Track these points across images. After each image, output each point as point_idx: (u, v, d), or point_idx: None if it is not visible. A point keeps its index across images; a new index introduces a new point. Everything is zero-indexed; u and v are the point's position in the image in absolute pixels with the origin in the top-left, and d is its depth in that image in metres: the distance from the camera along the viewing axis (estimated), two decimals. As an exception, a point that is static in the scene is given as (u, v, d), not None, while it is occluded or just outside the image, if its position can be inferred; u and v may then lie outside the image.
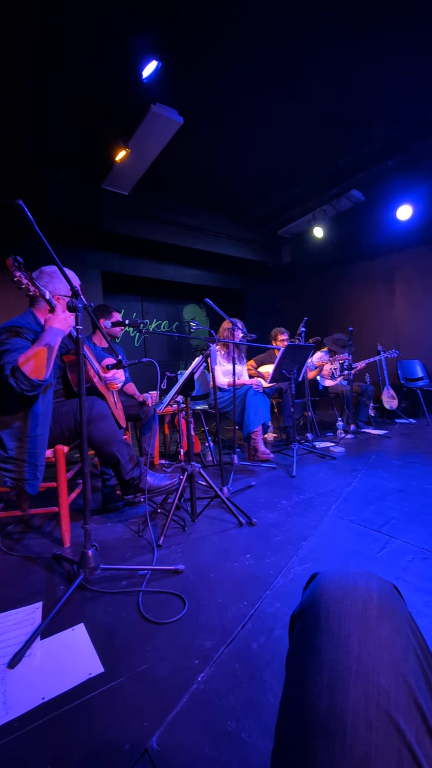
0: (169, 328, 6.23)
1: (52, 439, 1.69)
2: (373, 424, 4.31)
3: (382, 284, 5.58)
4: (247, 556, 1.52)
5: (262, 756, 0.73)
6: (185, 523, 1.87)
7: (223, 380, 3.03)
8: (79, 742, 0.78)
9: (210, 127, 3.33)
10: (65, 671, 0.96)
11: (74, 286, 1.30)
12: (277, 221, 5.29)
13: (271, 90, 2.93)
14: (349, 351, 3.85)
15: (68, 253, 4.61)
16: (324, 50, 2.58)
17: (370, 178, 4.10)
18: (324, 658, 0.36)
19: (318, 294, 6.51)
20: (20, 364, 1.43)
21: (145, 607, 1.20)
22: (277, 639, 1.04)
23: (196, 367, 1.93)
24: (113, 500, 2.09)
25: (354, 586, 0.40)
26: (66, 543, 1.69)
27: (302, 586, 0.47)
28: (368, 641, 0.36)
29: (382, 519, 1.81)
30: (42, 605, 1.25)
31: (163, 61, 2.48)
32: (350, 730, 0.31)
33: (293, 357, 2.83)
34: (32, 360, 1.45)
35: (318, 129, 3.44)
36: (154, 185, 4.22)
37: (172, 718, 0.82)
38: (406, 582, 1.29)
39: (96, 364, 2.00)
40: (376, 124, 3.36)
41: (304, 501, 2.10)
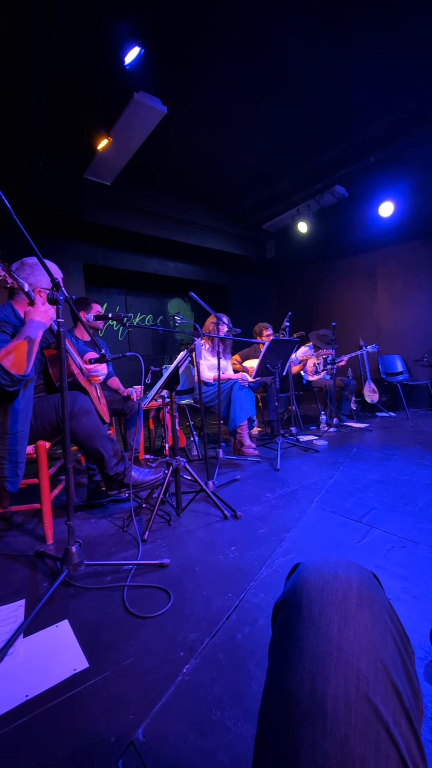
0: (154, 322, 6.17)
1: (33, 435, 1.66)
2: (355, 418, 4.41)
3: (364, 280, 5.67)
4: (232, 548, 1.54)
5: (246, 742, 0.74)
6: (170, 517, 1.87)
7: (209, 375, 3.02)
8: (64, 737, 0.78)
9: (194, 118, 3.28)
10: (49, 668, 0.96)
11: (55, 278, 1.26)
12: (261, 215, 5.29)
13: (255, 83, 2.91)
14: (332, 346, 3.91)
15: (49, 244, 4.49)
16: (308, 44, 2.58)
17: (353, 173, 4.14)
18: (306, 646, 0.37)
19: (302, 289, 6.56)
20: (0, 358, 1.39)
21: (130, 602, 1.21)
22: (261, 629, 1.06)
23: (181, 362, 1.92)
24: (98, 496, 2.07)
25: (335, 575, 0.41)
26: (49, 540, 1.66)
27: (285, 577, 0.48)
28: (348, 628, 0.37)
29: (362, 510, 1.85)
30: (24, 603, 1.23)
31: (146, 47, 2.42)
32: (331, 714, 0.32)
33: (278, 351, 2.85)
34: (12, 354, 1.41)
35: (302, 123, 3.44)
36: (137, 176, 4.15)
37: (157, 709, 0.83)
38: (384, 570, 1.33)
39: (78, 358, 1.97)
40: (359, 119, 3.38)
41: (288, 493, 2.13)
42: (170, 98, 2.95)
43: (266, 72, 2.81)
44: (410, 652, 0.41)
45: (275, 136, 3.61)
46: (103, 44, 2.42)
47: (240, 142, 3.71)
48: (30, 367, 1.46)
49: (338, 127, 3.48)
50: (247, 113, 3.27)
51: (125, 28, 2.33)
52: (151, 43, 2.43)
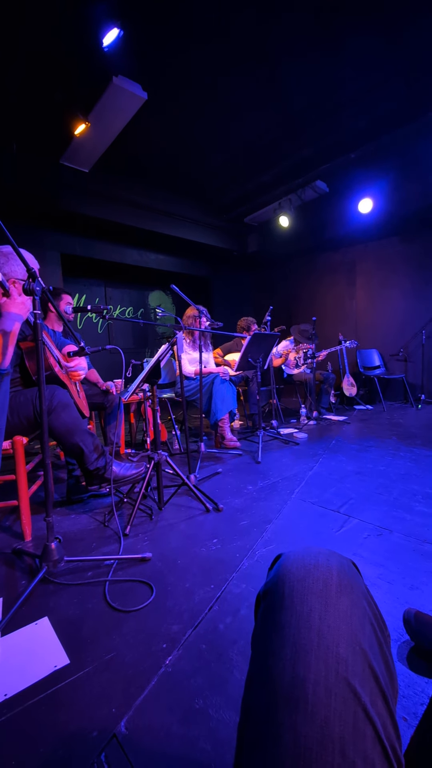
0: (134, 314, 6.08)
1: (9, 430, 1.61)
2: (334, 411, 4.51)
3: (344, 275, 5.76)
4: (214, 540, 1.55)
5: (228, 728, 0.76)
6: (152, 511, 1.87)
7: (190, 369, 3.01)
8: (45, 734, 0.77)
9: (176, 105, 3.22)
10: (29, 666, 0.94)
11: (31, 268, 1.22)
12: (243, 208, 5.26)
13: (239, 72, 2.87)
14: (312, 341, 3.97)
15: (24, 232, 4.32)
16: (292, 37, 2.56)
17: (334, 169, 4.18)
18: (287, 634, 0.38)
19: (283, 283, 6.61)
20: None
21: (111, 597, 1.20)
22: (243, 618, 1.08)
23: (162, 355, 1.90)
24: (78, 491, 2.04)
25: (315, 565, 0.42)
26: (27, 537, 1.63)
27: (267, 567, 0.49)
28: (328, 615, 0.38)
29: (340, 500, 1.91)
30: (2, 602, 1.20)
31: (126, 29, 2.34)
32: (311, 699, 0.33)
33: (259, 345, 2.87)
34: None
35: (285, 116, 3.44)
36: (117, 164, 4.04)
37: (140, 702, 0.83)
38: (362, 557, 1.38)
39: (56, 351, 1.92)
40: (342, 115, 3.41)
41: (268, 486, 2.16)
42: (151, 84, 2.87)
43: (250, 64, 2.78)
44: (386, 635, 0.42)
45: (258, 128, 3.59)
46: (79, 23, 2.32)
47: (223, 133, 3.66)
48: (7, 360, 1.41)
49: (321, 121, 3.50)
50: (231, 104, 3.23)
51: (103, 9, 2.24)
52: (130, 26, 2.35)
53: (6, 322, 1.40)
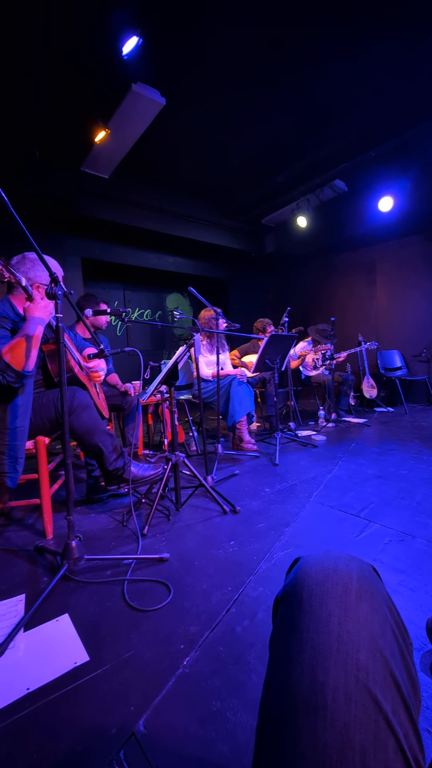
0: (152, 317, 6.15)
1: (32, 430, 1.66)
2: (354, 413, 4.42)
3: (363, 275, 5.65)
4: (231, 543, 1.55)
5: (246, 732, 0.75)
6: (170, 512, 1.88)
7: (207, 372, 3.02)
8: (65, 729, 0.78)
9: (193, 110, 3.25)
10: (50, 661, 0.96)
11: (53, 273, 1.26)
12: (260, 209, 5.25)
13: (256, 75, 2.87)
14: (331, 341, 3.91)
15: (46, 238, 4.45)
16: (311, 36, 2.54)
17: (353, 168, 4.11)
18: (306, 638, 0.37)
19: (301, 284, 6.55)
20: (3, 354, 1.39)
21: (130, 596, 1.21)
22: (261, 622, 1.07)
23: (180, 357, 1.92)
24: (97, 491, 2.08)
25: (335, 569, 0.41)
26: (49, 535, 1.67)
27: (285, 571, 0.48)
28: (348, 620, 0.37)
29: (361, 504, 1.87)
30: (25, 597, 1.24)
31: (144, 37, 2.39)
32: (331, 705, 0.32)
33: (276, 347, 2.85)
34: (14, 351, 1.40)
35: (302, 116, 3.41)
36: (135, 169, 4.10)
37: (158, 701, 0.84)
38: (382, 563, 1.34)
39: (76, 353, 1.96)
40: (360, 113, 3.35)
41: (286, 488, 2.14)
42: (169, 89, 2.91)
43: (267, 63, 2.77)
44: (408, 643, 0.41)
45: (275, 129, 3.57)
46: (100, 34, 2.38)
47: (239, 136, 3.67)
48: (32, 363, 1.45)
49: (339, 119, 3.45)
50: (248, 106, 3.24)
51: (123, 18, 2.29)
52: (149, 33, 2.39)
53: (29, 326, 1.45)
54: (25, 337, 1.43)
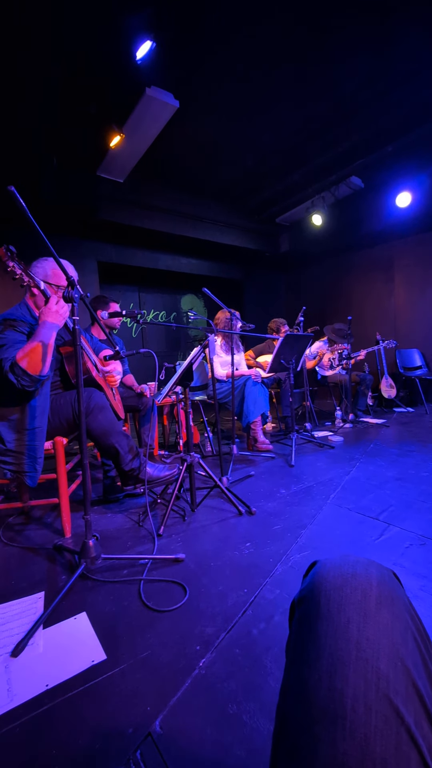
0: (167, 318, 6.19)
1: (51, 430, 1.69)
2: (372, 413, 4.33)
3: (381, 272, 5.54)
4: (247, 544, 1.54)
5: (263, 737, 0.75)
6: (185, 512, 1.88)
7: (222, 372, 3.02)
8: (83, 727, 0.79)
9: (207, 111, 3.26)
10: (68, 659, 0.98)
11: (70, 276, 1.28)
12: (275, 209, 5.22)
13: (269, 73, 2.85)
14: (348, 341, 3.85)
15: (63, 242, 4.55)
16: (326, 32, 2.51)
17: (369, 164, 4.03)
18: (324, 644, 0.36)
19: (316, 283, 6.47)
20: (18, 359, 1.42)
21: (146, 596, 1.22)
22: (277, 625, 1.06)
23: (195, 358, 1.92)
24: (113, 491, 2.10)
25: (354, 574, 0.40)
26: (67, 533, 1.70)
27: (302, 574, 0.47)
28: (367, 627, 0.36)
29: (380, 507, 1.82)
30: (44, 595, 1.26)
31: (158, 41, 2.40)
32: (350, 714, 0.31)
33: (292, 347, 2.82)
34: (29, 356, 1.44)
35: (318, 113, 3.37)
36: (149, 172, 4.14)
37: (174, 702, 0.84)
38: (403, 568, 1.30)
39: (93, 355, 1.99)
40: (377, 107, 3.29)
41: (302, 490, 2.11)
42: (182, 92, 2.93)
43: (282, 60, 2.75)
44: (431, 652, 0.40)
45: (290, 126, 3.54)
46: (115, 39, 2.41)
47: (253, 135, 3.65)
48: (47, 367, 1.48)
49: (356, 115, 3.39)
50: (261, 104, 3.22)
51: (137, 23, 2.31)
52: (162, 37, 2.41)
53: (43, 332, 1.47)
54: (39, 343, 1.45)
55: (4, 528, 1.82)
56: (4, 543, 1.66)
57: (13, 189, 1.05)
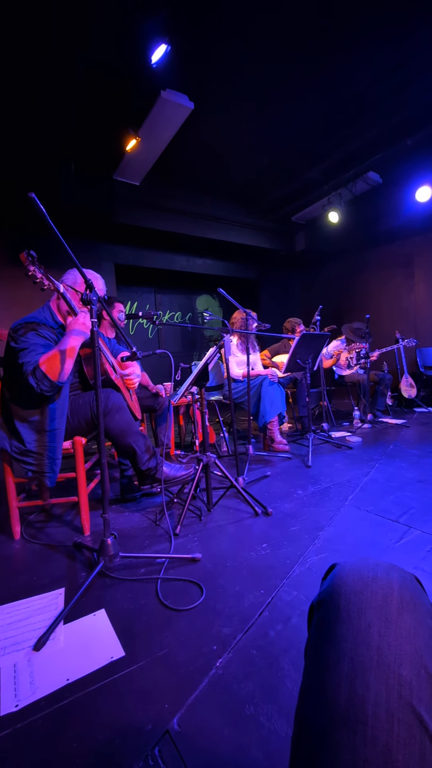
0: (183, 319, 6.23)
1: (70, 431, 1.72)
2: (391, 414, 4.24)
3: (400, 269, 5.41)
4: (264, 545, 1.53)
5: (281, 739, 0.74)
6: (201, 512, 1.89)
7: (238, 372, 3.01)
8: (103, 721, 0.81)
9: (221, 110, 3.26)
10: (88, 654, 1.00)
11: (88, 279, 1.30)
12: (290, 207, 5.17)
13: (284, 69, 2.83)
14: (366, 340, 3.77)
15: (81, 245, 4.63)
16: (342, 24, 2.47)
17: (387, 158, 3.95)
18: (344, 648, 0.36)
19: (333, 281, 6.37)
20: (41, 364, 1.45)
21: (163, 594, 1.23)
22: (295, 627, 1.05)
23: (210, 358, 1.92)
24: (131, 490, 2.13)
25: (374, 577, 0.39)
26: (86, 531, 1.73)
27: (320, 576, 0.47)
28: (389, 632, 0.35)
29: (400, 509, 1.78)
30: (64, 591, 1.29)
31: (172, 44, 2.42)
32: (371, 721, 0.31)
33: (308, 346, 2.79)
34: (52, 362, 1.47)
35: (334, 108, 3.32)
36: (164, 174, 4.18)
37: (192, 701, 0.84)
38: (424, 572, 1.27)
39: (111, 357, 2.02)
40: (395, 100, 3.21)
41: (320, 491, 2.09)
42: (197, 93, 2.94)
43: (297, 56, 2.72)
44: (457, 660, 0.38)
45: (306, 122, 3.50)
46: (130, 45, 2.45)
47: (268, 133, 3.63)
48: (67, 374, 1.51)
49: (372, 109, 3.33)
50: (276, 101, 3.20)
51: (152, 27, 2.34)
52: (177, 39, 2.42)
53: (69, 339, 1.50)
54: (65, 350, 1.49)
55: (25, 525, 1.87)
56: (26, 540, 1.71)
57: (34, 196, 1.08)
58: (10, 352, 1.55)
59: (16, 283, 4.07)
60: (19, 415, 1.59)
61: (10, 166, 3.38)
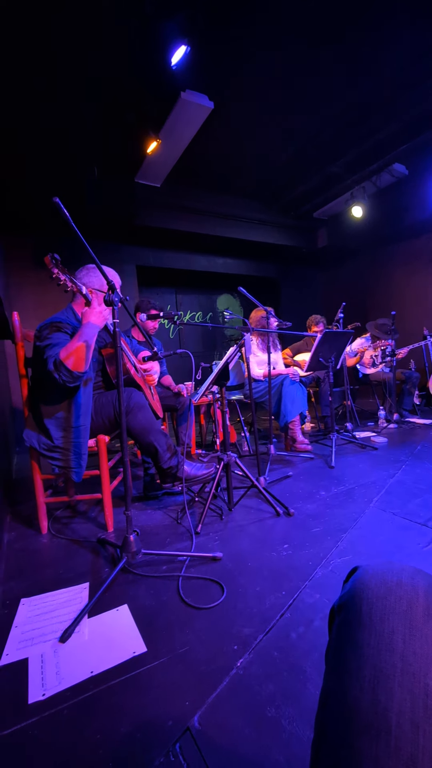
0: (203, 318, 6.25)
1: (94, 429, 1.77)
2: (419, 413, 4.09)
3: (427, 263, 5.21)
4: (285, 546, 1.51)
5: (302, 744, 0.73)
6: (222, 511, 1.89)
7: (258, 371, 2.99)
8: (125, 715, 0.82)
9: (241, 107, 3.23)
10: (111, 648, 1.02)
11: (110, 280, 1.32)
12: (312, 203, 5.07)
13: (305, 60, 2.77)
14: (392, 336, 3.66)
15: (104, 248, 4.73)
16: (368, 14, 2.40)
17: (414, 149, 3.80)
18: (366, 654, 0.35)
19: (357, 277, 6.21)
20: (62, 358, 1.50)
21: (184, 592, 1.24)
22: (317, 630, 1.03)
23: (231, 357, 1.92)
24: (153, 488, 2.16)
25: (398, 582, 0.38)
26: (109, 528, 1.77)
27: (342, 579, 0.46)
28: (414, 640, 0.34)
29: (428, 512, 1.72)
30: (89, 585, 1.32)
31: (192, 45, 2.43)
32: (395, 731, 0.30)
33: (331, 344, 2.73)
34: (72, 354, 1.51)
35: (358, 99, 3.23)
36: (185, 175, 4.20)
37: (212, 700, 0.84)
38: (455, 579, 1.22)
39: (132, 356, 2.05)
40: (422, 88, 3.09)
41: (343, 492, 2.04)
42: (216, 92, 2.93)
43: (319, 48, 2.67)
44: None
45: (327, 115, 3.43)
46: (150, 48, 2.47)
47: (289, 127, 3.58)
48: (87, 365, 1.55)
49: (397, 99, 3.22)
50: (297, 94, 3.14)
51: (171, 29, 2.35)
52: (196, 40, 2.42)
53: (84, 331, 1.54)
54: (83, 342, 1.53)
55: (52, 520, 1.93)
56: (52, 534, 1.76)
57: (58, 200, 1.11)
58: (37, 351, 1.61)
59: (43, 286, 4.21)
60: (47, 412, 1.64)
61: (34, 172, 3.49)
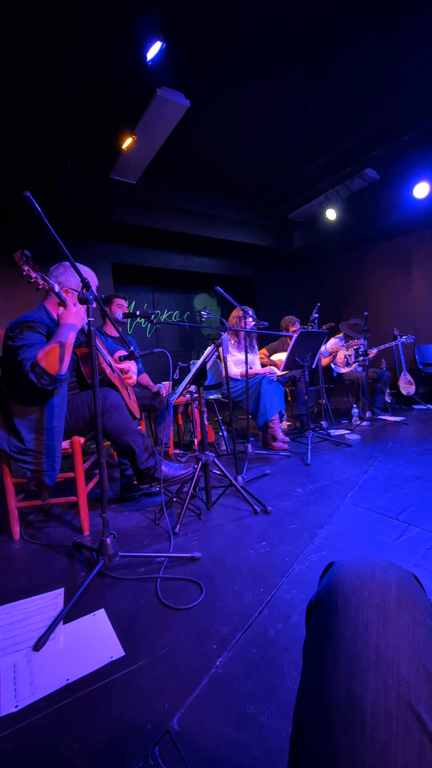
0: (181, 317, 6.22)
1: (68, 430, 1.72)
2: (390, 411, 4.24)
3: (398, 266, 5.41)
4: (263, 543, 1.53)
5: (281, 738, 0.74)
6: (201, 511, 1.89)
7: (236, 371, 3.01)
8: (103, 721, 0.81)
9: (217, 108, 3.24)
10: (88, 654, 0.99)
11: (85, 278, 1.29)
12: (287, 205, 5.16)
13: (280, 65, 2.81)
14: (364, 336, 3.77)
15: (78, 245, 4.62)
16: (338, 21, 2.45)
17: (385, 155, 3.93)
18: (342, 648, 0.35)
19: (331, 279, 6.37)
20: (39, 359, 1.45)
21: (163, 594, 1.23)
22: (295, 625, 1.05)
23: (208, 357, 1.92)
24: (130, 490, 2.13)
25: (372, 576, 0.39)
26: (85, 531, 1.73)
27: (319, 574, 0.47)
28: (387, 631, 0.35)
29: (399, 506, 1.78)
30: (64, 591, 1.29)
31: (168, 41, 2.41)
32: (370, 720, 0.31)
33: (306, 344, 2.79)
34: (49, 356, 1.47)
35: (330, 105, 3.31)
36: (161, 173, 4.16)
37: (192, 700, 0.84)
38: (424, 570, 1.27)
39: (108, 356, 2.01)
40: (392, 97, 3.20)
41: (319, 489, 2.09)
42: (193, 90, 2.92)
43: (294, 52, 2.71)
44: (456, 658, 0.38)
45: (302, 120, 3.49)
46: (125, 42, 2.43)
47: (265, 130, 3.62)
48: (66, 367, 1.51)
49: (370, 104, 3.31)
50: (273, 99, 3.18)
51: (147, 24, 2.32)
52: (172, 36, 2.41)
53: (62, 332, 1.50)
54: (59, 343, 1.49)
55: (24, 525, 1.86)
56: (25, 540, 1.70)
57: (29, 194, 1.07)
58: (8, 350, 1.55)
59: (13, 284, 4.06)
60: (18, 414, 1.58)
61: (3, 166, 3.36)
